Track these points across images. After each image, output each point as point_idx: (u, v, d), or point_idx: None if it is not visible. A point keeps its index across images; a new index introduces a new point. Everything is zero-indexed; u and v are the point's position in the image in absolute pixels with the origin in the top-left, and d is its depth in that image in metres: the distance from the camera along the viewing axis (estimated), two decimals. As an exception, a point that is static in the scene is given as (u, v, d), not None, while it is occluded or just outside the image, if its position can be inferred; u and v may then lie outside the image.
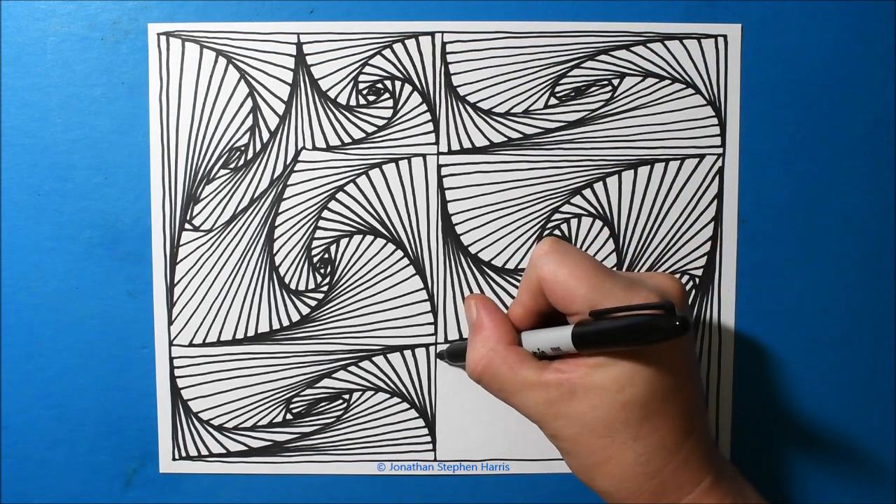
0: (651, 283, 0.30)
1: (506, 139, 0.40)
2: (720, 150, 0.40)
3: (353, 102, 0.40)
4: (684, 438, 0.29)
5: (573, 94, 0.40)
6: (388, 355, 0.41)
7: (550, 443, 0.31)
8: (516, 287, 0.41)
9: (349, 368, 0.41)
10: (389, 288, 0.41)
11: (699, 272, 0.41)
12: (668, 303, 0.27)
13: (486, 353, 0.32)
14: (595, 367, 0.29)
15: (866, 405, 0.41)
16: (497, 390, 0.32)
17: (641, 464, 0.29)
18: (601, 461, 0.29)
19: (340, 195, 0.40)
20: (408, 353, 0.41)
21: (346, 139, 0.40)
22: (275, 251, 0.40)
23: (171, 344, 0.40)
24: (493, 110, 0.40)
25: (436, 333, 0.41)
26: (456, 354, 0.38)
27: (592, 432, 0.29)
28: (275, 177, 0.40)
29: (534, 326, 0.32)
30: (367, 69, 0.40)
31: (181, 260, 0.40)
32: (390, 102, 0.40)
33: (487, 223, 0.41)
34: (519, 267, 0.41)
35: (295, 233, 0.40)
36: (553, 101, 0.40)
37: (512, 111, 0.40)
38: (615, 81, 0.40)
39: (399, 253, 0.41)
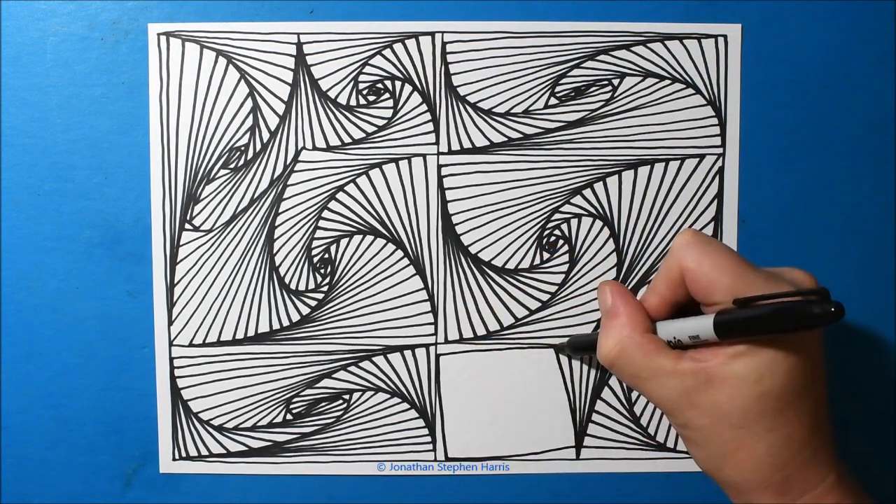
0: (789, 277, 0.30)
1: (506, 139, 0.40)
2: (720, 150, 0.40)
3: (353, 102, 0.40)
4: (814, 433, 0.29)
5: (573, 94, 0.40)
6: (388, 355, 0.41)
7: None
8: (516, 287, 0.41)
9: (349, 368, 0.41)
10: (389, 288, 0.41)
11: (699, 272, 0.41)
12: (823, 289, 0.27)
13: (622, 339, 0.31)
14: (734, 357, 0.29)
15: (866, 405, 0.41)
16: (630, 376, 0.31)
17: (772, 456, 0.29)
18: (731, 452, 0.29)
19: (340, 195, 0.40)
20: (408, 353, 0.41)
21: (346, 139, 0.40)
22: (275, 251, 0.40)
23: (171, 344, 0.40)
24: (493, 110, 0.40)
25: (436, 333, 0.41)
26: (580, 346, 0.38)
27: (726, 423, 0.29)
28: (275, 177, 0.40)
29: (667, 317, 0.32)
30: (367, 69, 0.40)
31: (181, 260, 0.40)
32: (390, 102, 0.40)
33: (487, 223, 0.41)
34: (519, 267, 0.41)
35: (295, 233, 0.40)
36: (553, 101, 0.40)
37: (512, 111, 0.40)
38: (615, 81, 0.40)
39: (399, 253, 0.41)
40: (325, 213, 0.40)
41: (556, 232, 0.41)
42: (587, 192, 0.41)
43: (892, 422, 0.41)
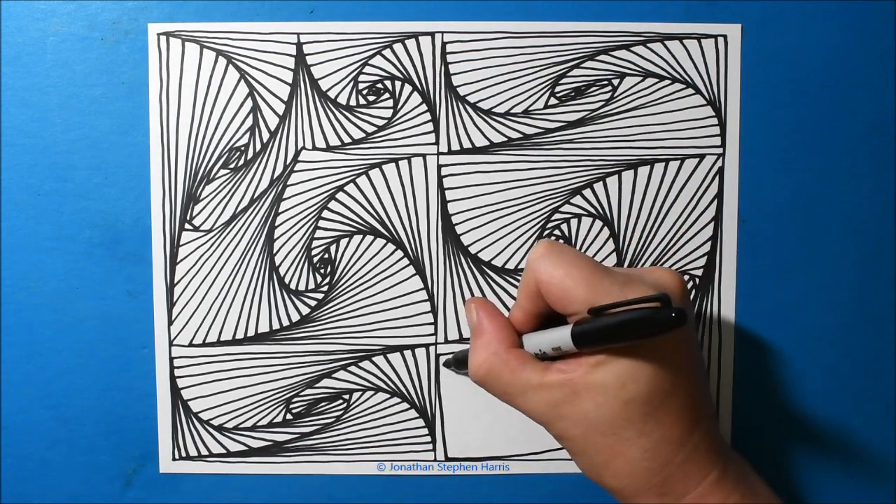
0: (650, 279, 0.30)
1: (506, 139, 0.40)
2: (720, 150, 0.40)
3: (353, 102, 0.40)
4: (690, 432, 0.29)
5: (573, 94, 0.40)
6: (388, 355, 0.41)
7: (555, 442, 0.31)
8: (516, 287, 0.41)
9: (349, 368, 0.41)
10: (389, 288, 0.41)
11: (699, 272, 0.41)
12: (664, 295, 0.27)
13: (488, 357, 0.32)
14: (596, 366, 0.29)
15: (866, 405, 0.41)
16: (501, 393, 0.32)
17: (647, 459, 0.29)
18: (608, 459, 0.29)
19: (340, 195, 0.40)
20: (408, 353, 0.41)
21: (346, 139, 0.40)
22: (275, 251, 0.40)
23: (171, 344, 0.40)
24: (493, 110, 0.40)
25: (436, 333, 0.41)
26: (462, 361, 0.38)
27: (597, 431, 0.29)
28: (275, 177, 0.40)
29: (534, 329, 0.32)
30: (367, 69, 0.40)
31: (181, 260, 0.40)
32: (390, 102, 0.40)
33: (487, 223, 0.41)
34: (519, 267, 0.41)
35: (295, 233, 0.40)
36: (553, 101, 0.40)
37: (512, 111, 0.40)
38: (615, 81, 0.40)
39: (399, 253, 0.41)
40: (325, 213, 0.40)
41: (556, 232, 0.41)
42: (587, 192, 0.41)
43: (892, 421, 0.41)
